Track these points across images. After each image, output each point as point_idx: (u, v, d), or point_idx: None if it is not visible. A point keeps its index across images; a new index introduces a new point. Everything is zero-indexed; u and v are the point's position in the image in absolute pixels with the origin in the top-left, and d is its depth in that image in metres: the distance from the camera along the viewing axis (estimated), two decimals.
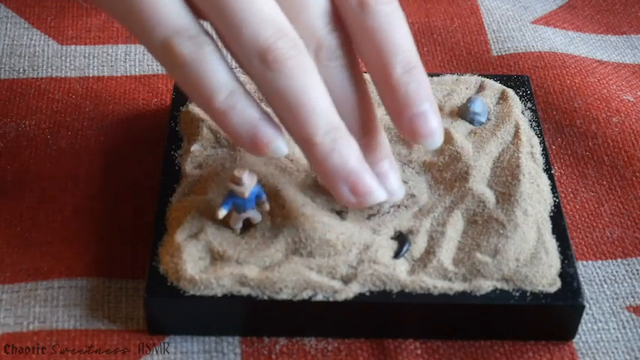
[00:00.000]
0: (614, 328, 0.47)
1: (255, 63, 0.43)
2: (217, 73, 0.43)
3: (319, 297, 0.44)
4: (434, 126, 0.45)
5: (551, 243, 0.47)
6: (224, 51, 0.44)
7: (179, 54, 0.42)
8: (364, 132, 0.46)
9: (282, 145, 0.43)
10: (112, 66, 0.60)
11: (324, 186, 0.46)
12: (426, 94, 0.45)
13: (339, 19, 0.45)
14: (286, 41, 0.42)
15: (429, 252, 0.46)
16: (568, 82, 0.60)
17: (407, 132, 0.45)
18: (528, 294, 0.45)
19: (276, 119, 0.44)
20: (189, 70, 0.42)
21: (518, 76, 0.56)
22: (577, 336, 0.47)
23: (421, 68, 0.45)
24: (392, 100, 0.45)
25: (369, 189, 0.44)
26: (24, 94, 0.58)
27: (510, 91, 0.54)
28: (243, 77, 0.46)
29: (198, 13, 0.43)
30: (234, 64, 0.45)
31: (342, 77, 0.45)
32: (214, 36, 0.44)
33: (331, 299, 0.44)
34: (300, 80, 0.43)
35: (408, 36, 0.45)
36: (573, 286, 0.45)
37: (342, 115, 0.44)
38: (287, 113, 0.43)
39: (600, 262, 0.50)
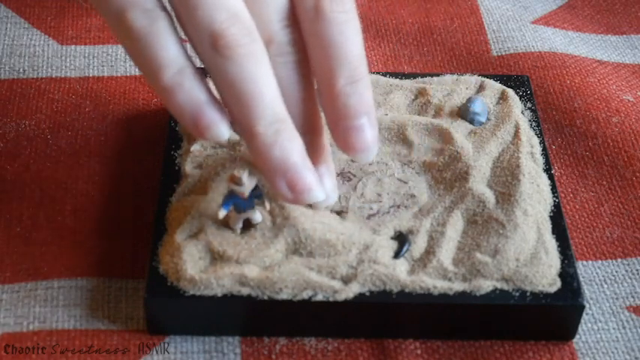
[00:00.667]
0: (614, 328, 0.47)
1: (206, 47, 0.42)
2: (167, 48, 0.42)
3: (319, 297, 0.44)
4: (368, 141, 0.44)
5: (551, 243, 0.47)
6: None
7: (131, 26, 0.42)
8: (305, 132, 0.45)
9: (223, 130, 0.43)
10: (112, 66, 0.60)
11: (264, 178, 0.45)
12: (366, 109, 0.44)
13: (295, 18, 0.45)
14: (240, 28, 0.42)
15: (429, 252, 0.46)
16: (568, 82, 0.60)
17: (341, 144, 0.44)
18: (528, 294, 0.45)
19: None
20: (139, 43, 0.42)
21: (518, 76, 0.56)
22: (577, 336, 0.47)
23: (366, 82, 0.44)
24: (331, 110, 0.44)
25: (308, 186, 0.43)
26: (24, 94, 0.58)
27: (510, 91, 0.54)
28: None
29: None
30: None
31: (288, 74, 0.45)
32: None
33: (331, 299, 0.44)
34: (250, 69, 0.42)
35: (359, 47, 0.45)
36: (573, 286, 0.45)
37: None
38: (233, 101, 0.43)
39: (600, 262, 0.50)
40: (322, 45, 0.44)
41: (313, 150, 0.46)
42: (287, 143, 0.43)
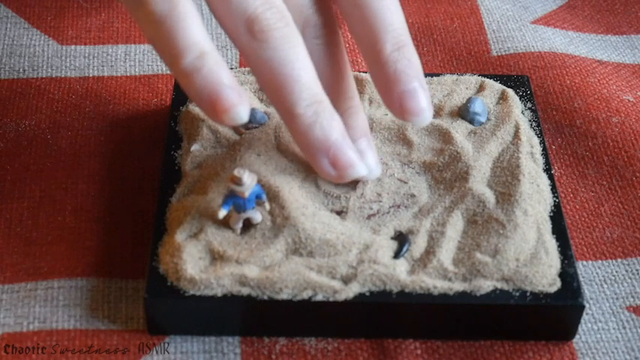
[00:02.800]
0: (614, 328, 0.47)
1: (241, 32, 0.43)
2: (188, 33, 0.42)
3: (319, 297, 0.44)
4: (423, 104, 0.45)
5: (551, 243, 0.47)
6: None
7: (152, 10, 0.42)
8: (345, 109, 0.46)
9: (242, 112, 0.42)
10: (112, 66, 0.60)
11: (306, 158, 0.46)
12: (416, 73, 0.45)
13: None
14: (274, 12, 0.43)
15: (429, 252, 0.46)
16: (568, 82, 0.60)
17: (396, 109, 0.45)
18: (528, 294, 0.45)
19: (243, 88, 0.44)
20: (160, 27, 0.42)
21: (518, 76, 0.56)
22: (577, 336, 0.47)
23: (411, 46, 0.45)
24: (381, 78, 0.45)
25: (350, 162, 0.44)
26: (24, 94, 0.58)
27: (510, 91, 0.54)
28: None
29: None
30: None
31: (327, 54, 0.46)
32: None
33: (331, 299, 0.44)
34: (285, 51, 0.43)
35: (400, 13, 0.45)
36: (573, 286, 0.45)
37: (324, 92, 0.45)
38: (270, 84, 0.43)
39: (600, 262, 0.50)
40: (364, 15, 0.45)
41: (354, 126, 0.47)
42: (327, 122, 0.44)
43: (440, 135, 0.51)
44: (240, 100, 0.42)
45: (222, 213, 0.45)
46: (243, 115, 0.42)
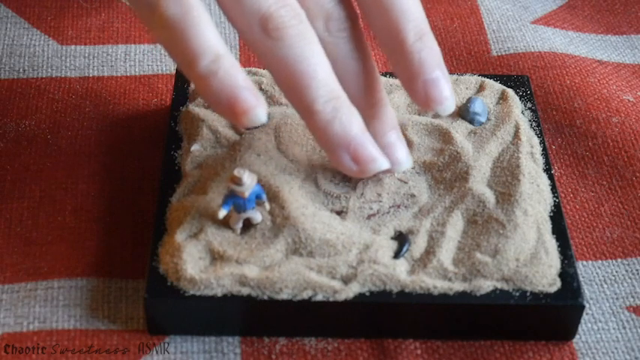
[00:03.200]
0: (614, 328, 0.47)
1: (256, 31, 0.43)
2: (202, 37, 0.42)
3: (319, 297, 0.44)
4: (446, 93, 0.45)
5: (551, 243, 0.47)
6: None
7: (165, 15, 0.42)
8: (371, 103, 0.46)
9: (261, 113, 0.42)
10: (112, 66, 0.60)
11: (326, 155, 0.46)
12: (438, 61, 0.45)
13: None
14: (288, 10, 0.43)
15: (429, 252, 0.46)
16: (568, 82, 0.60)
17: (420, 99, 0.45)
18: (528, 294, 0.45)
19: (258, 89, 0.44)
20: (173, 32, 0.42)
21: (518, 76, 0.56)
22: (577, 336, 0.47)
23: (431, 34, 0.46)
24: (404, 67, 0.45)
25: (371, 156, 0.44)
26: (24, 94, 0.58)
27: (510, 91, 0.54)
28: None
29: None
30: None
31: (351, 48, 0.46)
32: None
33: (331, 299, 0.44)
34: (301, 49, 0.43)
35: (418, 1, 0.46)
36: (573, 286, 0.45)
37: (350, 86, 0.45)
38: (287, 82, 0.43)
39: (600, 262, 0.50)
40: (384, 5, 0.45)
41: (382, 120, 0.47)
42: (346, 118, 0.44)
43: (440, 135, 0.51)
44: (258, 102, 0.42)
45: (222, 213, 0.45)
46: (261, 117, 0.42)
